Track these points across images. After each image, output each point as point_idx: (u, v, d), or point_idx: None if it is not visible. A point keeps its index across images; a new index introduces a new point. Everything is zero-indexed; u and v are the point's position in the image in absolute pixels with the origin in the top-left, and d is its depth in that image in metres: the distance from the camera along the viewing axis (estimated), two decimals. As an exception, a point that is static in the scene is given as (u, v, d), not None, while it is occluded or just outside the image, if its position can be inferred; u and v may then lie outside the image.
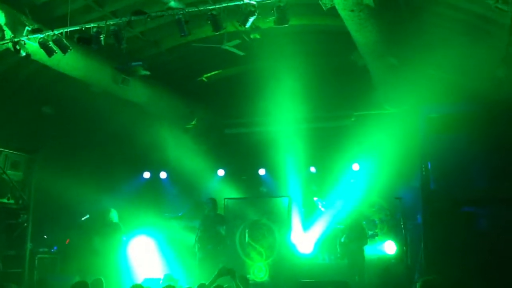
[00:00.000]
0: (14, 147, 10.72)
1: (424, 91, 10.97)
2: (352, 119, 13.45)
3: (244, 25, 8.18)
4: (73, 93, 12.07)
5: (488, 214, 9.85)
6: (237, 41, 11.13)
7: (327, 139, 13.46)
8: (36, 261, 11.39)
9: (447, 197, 9.71)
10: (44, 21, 9.09)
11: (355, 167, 13.36)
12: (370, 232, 11.79)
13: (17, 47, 8.60)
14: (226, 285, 7.27)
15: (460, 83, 10.81)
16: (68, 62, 9.76)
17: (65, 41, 8.68)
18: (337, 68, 12.92)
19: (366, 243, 11.27)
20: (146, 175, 14.72)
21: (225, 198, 12.75)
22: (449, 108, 10.56)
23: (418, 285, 6.31)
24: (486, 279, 8.63)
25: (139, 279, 10.61)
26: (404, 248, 10.65)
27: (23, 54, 8.70)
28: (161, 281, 8.79)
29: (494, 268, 8.94)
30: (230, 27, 10.37)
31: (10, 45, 8.62)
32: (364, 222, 11.76)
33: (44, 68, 10.16)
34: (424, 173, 9.86)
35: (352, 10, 8.35)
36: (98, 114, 12.79)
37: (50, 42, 8.63)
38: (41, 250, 11.74)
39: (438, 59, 10.66)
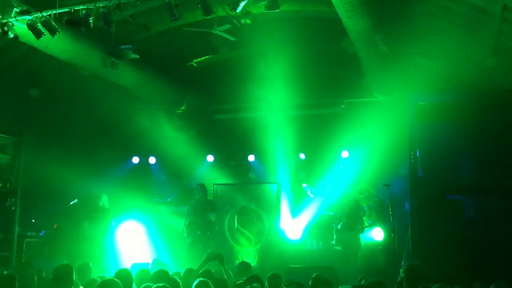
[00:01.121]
0: (1, 130, 10.63)
1: (413, 79, 11.01)
2: (342, 106, 13.46)
3: (235, 9, 8.13)
4: (61, 76, 11.96)
5: (475, 203, 9.95)
6: (227, 26, 11.06)
7: (316, 126, 13.48)
8: (24, 245, 11.36)
9: (435, 185, 9.79)
10: (32, 2, 8.96)
11: (344, 154, 13.39)
12: (367, 222, 11.86)
13: (5, 28, 8.49)
14: (214, 270, 7.29)
15: (450, 72, 10.83)
16: (57, 44, 9.65)
17: (53, 23, 8.57)
18: (328, 55, 12.90)
19: (362, 232, 11.36)
20: (135, 160, 14.65)
21: (214, 184, 12.76)
22: (438, 97, 10.61)
23: (401, 270, 6.37)
24: (472, 267, 8.74)
25: (127, 264, 10.60)
26: (392, 234, 10.72)
27: (11, 35, 8.59)
28: (149, 266, 8.78)
29: (479, 257, 9.05)
30: (221, 11, 10.31)
31: (-3, 27, 8.50)
32: (362, 211, 11.81)
33: (31, 50, 10.04)
34: (412, 160, 9.92)
35: (344, -3, 8.32)
36: (86, 98, 12.72)
37: (39, 24, 8.52)
38: (29, 234, 11.71)
39: (428, 48, 10.69)
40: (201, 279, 6.25)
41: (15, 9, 8.51)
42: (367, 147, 12.32)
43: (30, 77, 12.09)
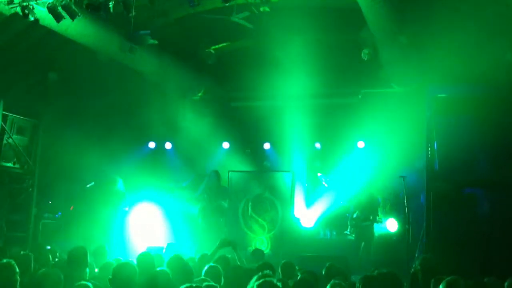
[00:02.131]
0: (20, 112, 10.75)
1: (432, 71, 10.90)
2: (359, 97, 13.36)
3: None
4: (79, 60, 12.03)
5: (490, 198, 9.89)
6: (246, 13, 11.02)
7: (333, 116, 13.42)
8: (40, 226, 11.53)
9: (451, 179, 9.74)
10: (53, -14, 8.99)
11: (360, 144, 13.35)
12: (381, 215, 11.83)
13: (26, 11, 8.52)
14: (230, 256, 7.34)
15: (469, 65, 10.70)
16: (76, 28, 9.69)
17: (74, 7, 8.60)
18: (346, 45, 12.80)
19: (375, 222, 11.33)
20: (151, 145, 14.74)
21: (229, 171, 12.79)
22: (456, 89, 10.52)
23: (417, 262, 6.38)
24: (485, 261, 8.71)
25: (142, 248, 10.70)
26: (406, 226, 10.70)
27: (32, 19, 8.62)
28: (164, 250, 8.88)
29: (493, 251, 9.01)
30: (239, -1, 10.28)
31: (18, 9, 8.53)
32: (377, 202, 11.78)
33: (51, 34, 10.09)
34: (429, 153, 9.87)
35: (365, -14, 8.26)
36: (104, 82, 12.78)
37: (59, 8, 8.54)
38: (45, 215, 11.86)
39: (447, 40, 10.56)
40: (212, 264, 6.31)
41: (36, -8, 8.55)
42: (384, 138, 12.24)
43: (48, 60, 12.17)
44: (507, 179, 9.43)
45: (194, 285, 4.42)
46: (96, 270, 6.74)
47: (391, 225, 12.02)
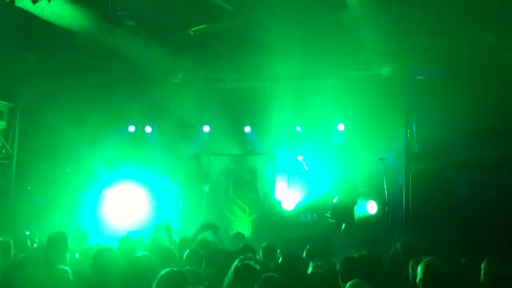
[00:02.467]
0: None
1: (412, 54, 10.94)
2: (340, 79, 13.38)
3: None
4: (57, 41, 11.82)
5: (468, 178, 10.03)
6: (226, -5, 10.93)
7: (313, 98, 13.42)
8: (19, 211, 11.40)
9: (429, 160, 9.84)
10: (28, -34, 8.79)
11: (341, 127, 13.40)
12: (361, 195, 11.91)
13: (1, -8, 8.35)
14: (213, 239, 7.36)
15: (449, 47, 10.77)
16: (53, 10, 9.50)
17: (50, -12, 8.44)
18: (326, 26, 12.76)
19: (356, 204, 11.40)
20: (131, 128, 14.62)
21: (210, 154, 12.76)
22: (436, 72, 10.59)
23: (398, 244, 6.46)
24: (464, 241, 8.84)
25: (122, 232, 10.66)
26: (386, 208, 10.81)
27: (7, 0, 8.45)
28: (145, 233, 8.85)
29: (471, 231, 9.16)
30: (219, -21, 10.17)
31: (-7, -10, 8.36)
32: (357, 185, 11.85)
33: (27, 15, 9.89)
34: (408, 135, 9.95)
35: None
36: (83, 64, 12.59)
37: (35, -11, 8.39)
38: (24, 200, 11.73)
39: (428, 22, 10.58)
40: (193, 248, 6.32)
41: (11, -27, 8.36)
42: (364, 121, 12.29)
43: (26, 41, 11.94)
44: (485, 160, 9.56)
45: (175, 269, 4.42)
46: (77, 255, 6.71)
47: (371, 207, 12.12)
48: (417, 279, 4.83)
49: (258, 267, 4.59)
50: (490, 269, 5.11)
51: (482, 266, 5.18)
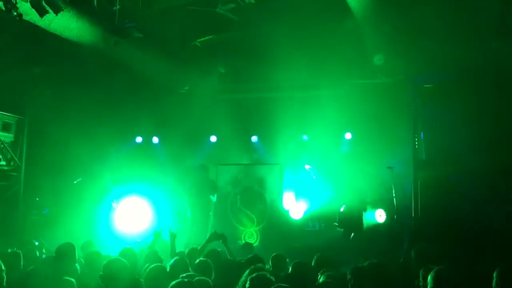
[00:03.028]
0: (4, 109, 10.62)
1: (417, 61, 10.94)
2: (346, 88, 13.39)
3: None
4: (64, 54, 11.90)
5: (477, 185, 9.97)
6: (231, 5, 10.95)
7: (320, 107, 13.43)
8: (28, 223, 11.44)
9: (438, 167, 9.80)
10: (36, -20, 8.85)
11: (348, 136, 13.39)
12: (369, 205, 11.87)
13: (8, 6, 8.39)
14: (220, 249, 7.34)
15: (454, 53, 10.76)
16: (60, 22, 9.56)
17: (57, 1, 8.49)
18: (332, 35, 12.79)
19: (364, 212, 11.36)
20: (138, 139, 14.67)
21: (217, 164, 12.76)
22: (442, 79, 10.57)
23: (413, 251, 6.42)
24: (473, 249, 8.78)
25: (130, 243, 10.66)
26: (394, 217, 10.76)
27: (14, 14, 8.49)
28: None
29: (481, 238, 9.09)
30: (225, -10, 10.22)
31: (1, 4, 8.40)
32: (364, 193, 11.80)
33: (34, 27, 9.96)
34: (416, 143, 9.92)
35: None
36: (90, 76, 12.67)
37: (43, 2, 8.43)
38: (33, 211, 11.76)
39: (433, 29, 10.59)
40: (202, 258, 6.31)
41: (18, -13, 8.41)
42: (371, 129, 12.27)
43: (33, 54, 12.03)
44: (493, 166, 9.51)
45: (185, 279, 4.40)
46: (82, 259, 6.69)
47: (380, 215, 12.07)
48: (429, 288, 4.80)
49: (273, 278, 4.57)
50: (502, 277, 5.06)
51: (494, 274, 5.13)
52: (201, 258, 6.33)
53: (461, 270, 5.16)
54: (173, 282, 4.28)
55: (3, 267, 5.20)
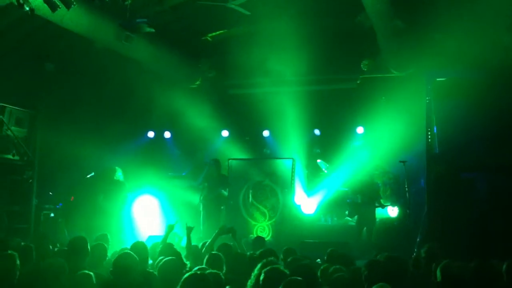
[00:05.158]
0: (17, 103, 10.68)
1: (430, 55, 10.86)
2: (358, 82, 13.34)
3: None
4: (76, 49, 11.96)
5: (490, 180, 9.89)
6: (242, 0, 10.92)
7: (332, 102, 13.41)
8: (42, 217, 11.52)
9: (451, 162, 9.73)
10: (48, -25, 8.89)
11: (360, 130, 13.34)
12: (388, 203, 11.84)
13: (21, 1, 8.40)
14: (232, 243, 7.34)
15: (467, 49, 10.67)
16: (72, 18, 9.61)
17: (68, -4, 8.52)
18: (344, 30, 12.73)
19: (378, 207, 11.29)
20: (150, 134, 14.73)
21: (229, 159, 12.77)
22: (455, 73, 10.49)
23: (422, 250, 6.39)
24: (485, 244, 8.72)
25: (143, 237, 10.71)
26: (407, 211, 10.71)
27: (27, 8, 8.51)
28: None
29: (493, 234, 9.02)
30: (236, -16, 10.19)
31: (14, -1, 8.45)
32: (377, 187, 11.73)
33: (46, 23, 10.01)
34: (429, 137, 9.85)
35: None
36: (101, 71, 12.73)
37: (54, -3, 8.46)
38: (46, 206, 11.85)
39: (445, 24, 10.50)
40: (214, 252, 6.31)
41: (31, -18, 8.45)
42: (383, 124, 12.20)
43: (45, 50, 12.09)
44: (506, 162, 9.43)
45: (198, 272, 4.40)
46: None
47: (392, 210, 12.02)
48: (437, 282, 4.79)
49: (288, 272, 4.55)
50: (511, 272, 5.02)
51: (504, 268, 5.08)
52: (213, 252, 6.33)
53: (469, 264, 5.11)
54: (186, 275, 4.28)
55: (17, 261, 5.21)
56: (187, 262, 6.16)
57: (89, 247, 6.13)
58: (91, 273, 5.07)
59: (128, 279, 5.13)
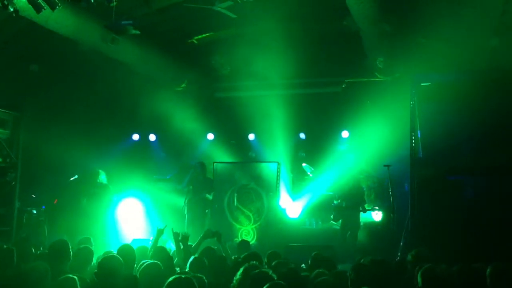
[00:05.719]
0: (1, 105, 10.59)
1: (415, 59, 10.95)
2: (343, 86, 13.41)
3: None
4: (61, 51, 11.87)
5: (473, 183, 9.96)
6: (229, 3, 10.93)
7: (317, 106, 13.46)
8: (24, 220, 11.41)
9: (435, 166, 9.78)
10: (32, -24, 8.82)
11: (345, 134, 13.40)
12: (370, 206, 11.88)
13: (5, 2, 8.34)
14: (216, 247, 7.33)
15: (452, 52, 10.76)
16: (57, 19, 9.56)
17: (53, -3, 8.46)
18: (330, 34, 12.79)
19: (363, 211, 11.33)
20: (135, 137, 14.65)
21: (214, 162, 12.75)
22: (440, 77, 10.56)
23: (410, 254, 6.41)
24: (471, 247, 8.77)
25: (127, 240, 10.65)
26: (392, 215, 10.75)
27: (11, 10, 8.44)
28: (150, 242, 8.82)
29: (479, 237, 9.08)
30: (222, -12, 10.19)
31: (-3, 0, 8.37)
32: (362, 191, 11.77)
33: (31, 24, 9.94)
34: (413, 141, 9.91)
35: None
36: (86, 73, 12.66)
37: (38, -2, 8.41)
38: (29, 209, 11.73)
39: (431, 28, 10.59)
40: (197, 256, 6.29)
41: (15, -17, 8.38)
42: (368, 128, 12.27)
43: (30, 51, 11.99)
44: (491, 165, 9.50)
45: (183, 275, 4.39)
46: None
47: (376, 214, 12.07)
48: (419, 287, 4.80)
49: (275, 276, 4.54)
50: (495, 275, 5.05)
51: (488, 272, 5.11)
52: (196, 256, 6.31)
53: (451, 268, 5.14)
54: (170, 278, 4.26)
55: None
56: (177, 269, 6.13)
57: (71, 250, 6.07)
58: (75, 277, 5.02)
59: (113, 282, 5.10)
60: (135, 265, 6.11)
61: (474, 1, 9.49)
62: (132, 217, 12.51)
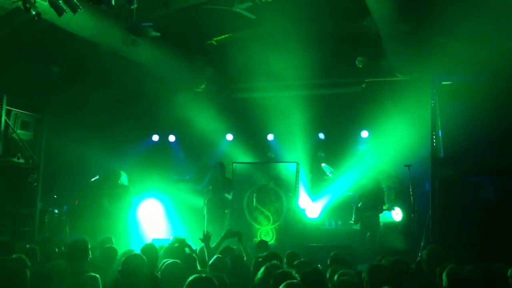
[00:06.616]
0: (23, 107, 10.74)
1: (435, 59, 10.86)
2: (363, 86, 13.33)
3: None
4: (82, 53, 12.00)
5: (495, 184, 9.85)
6: (248, 4, 10.95)
7: (336, 106, 13.41)
8: (46, 220, 11.57)
9: (456, 166, 9.69)
10: (54, -21, 8.93)
11: (364, 134, 13.33)
12: (387, 205, 11.82)
13: (27, 5, 8.46)
14: (235, 247, 7.34)
15: (472, 53, 10.65)
16: (78, 21, 9.66)
17: (75, 0, 8.55)
18: (349, 33, 12.74)
19: (381, 212, 11.27)
20: (155, 137, 14.76)
21: (233, 162, 12.78)
22: (461, 77, 10.46)
23: (424, 252, 6.38)
24: (490, 249, 8.68)
25: (147, 240, 10.73)
26: (412, 215, 10.68)
27: (33, 13, 8.56)
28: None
29: (498, 238, 8.99)
30: (241, -11, 10.22)
31: (20, 3, 8.48)
32: (382, 191, 11.71)
33: (53, 27, 10.06)
34: (434, 141, 9.83)
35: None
36: (107, 75, 12.77)
37: (60, 1, 8.49)
38: (50, 209, 11.90)
39: (451, 28, 10.50)
40: (218, 255, 6.31)
41: (37, -14, 8.49)
42: (388, 128, 12.19)
43: (51, 54, 12.14)
44: (510, 167, 9.40)
45: (203, 274, 4.41)
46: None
47: (396, 214, 12.00)
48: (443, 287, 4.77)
49: (298, 276, 4.53)
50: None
51: (509, 273, 5.06)
52: (217, 255, 6.34)
53: (475, 268, 5.09)
54: (191, 277, 4.28)
55: (28, 263, 5.19)
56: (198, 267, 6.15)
57: (89, 250, 6.14)
58: (97, 275, 5.07)
59: (136, 279, 5.15)
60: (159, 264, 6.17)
61: (493, 2, 9.39)
62: (152, 217, 12.60)
